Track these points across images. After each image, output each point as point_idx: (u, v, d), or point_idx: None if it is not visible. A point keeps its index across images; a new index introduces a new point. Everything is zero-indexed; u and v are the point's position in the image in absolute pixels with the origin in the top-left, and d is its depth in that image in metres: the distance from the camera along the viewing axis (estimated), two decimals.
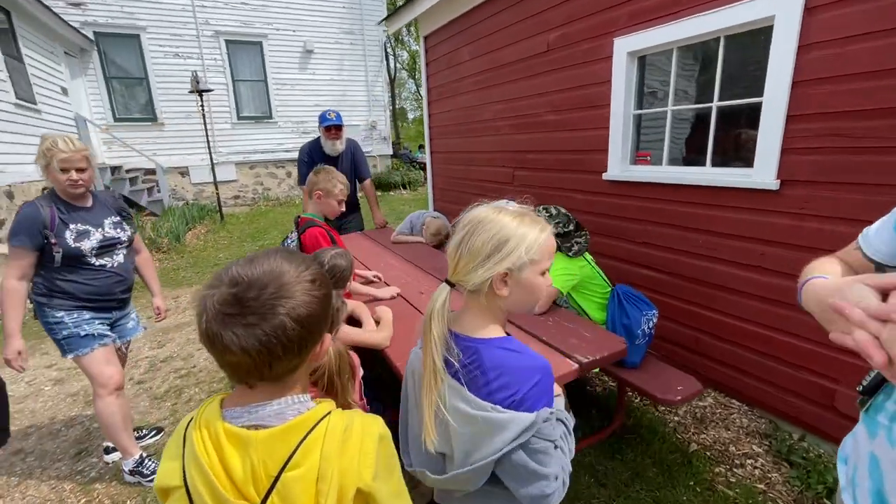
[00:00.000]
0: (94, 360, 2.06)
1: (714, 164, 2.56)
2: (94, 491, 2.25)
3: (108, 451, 2.44)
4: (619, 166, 3.00)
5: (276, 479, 0.63)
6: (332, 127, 3.66)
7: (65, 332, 2.00)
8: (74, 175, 1.93)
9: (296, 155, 3.93)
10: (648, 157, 2.93)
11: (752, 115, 2.30)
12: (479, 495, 0.95)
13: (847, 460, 0.93)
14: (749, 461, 2.17)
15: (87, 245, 1.99)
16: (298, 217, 2.30)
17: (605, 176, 3.08)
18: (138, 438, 2.49)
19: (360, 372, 1.51)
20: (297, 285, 0.68)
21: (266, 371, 0.66)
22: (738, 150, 2.47)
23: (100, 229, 2.05)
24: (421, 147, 14.51)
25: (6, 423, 1.91)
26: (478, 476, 0.89)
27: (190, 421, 0.71)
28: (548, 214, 2.16)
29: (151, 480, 2.21)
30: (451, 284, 0.90)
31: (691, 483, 2.02)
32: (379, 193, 11.57)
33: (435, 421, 0.90)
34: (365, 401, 1.73)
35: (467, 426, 0.86)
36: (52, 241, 1.90)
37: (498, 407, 0.84)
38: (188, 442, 0.67)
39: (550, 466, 0.87)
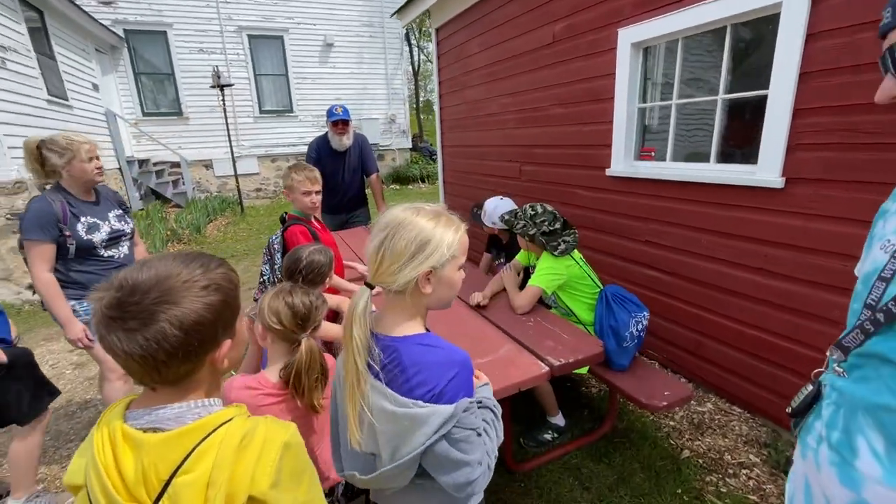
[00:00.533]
0: None
1: (719, 161, 2.44)
2: None
3: None
4: (622, 162, 2.91)
5: (168, 483, 0.63)
6: (339, 122, 3.67)
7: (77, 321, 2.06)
8: (98, 162, 2.04)
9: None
10: (653, 153, 2.82)
11: (759, 109, 2.18)
12: (409, 489, 0.96)
13: (791, 482, 0.88)
14: (744, 471, 2.08)
15: (98, 237, 2.07)
16: (285, 214, 2.32)
17: (608, 172, 2.99)
18: None
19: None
20: (183, 290, 0.66)
21: (156, 375, 0.66)
22: (743, 146, 2.35)
23: (107, 222, 2.13)
24: None
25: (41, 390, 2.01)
26: (404, 472, 0.91)
27: None
28: (532, 212, 2.11)
29: None
30: (371, 287, 0.90)
31: (678, 491, 1.96)
32: (397, 187, 11.63)
33: (360, 422, 0.91)
34: None
35: (390, 424, 0.88)
36: (66, 233, 1.97)
37: (419, 402, 0.86)
38: (90, 440, 0.68)
39: (473, 453, 0.90)
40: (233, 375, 1.39)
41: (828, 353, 0.82)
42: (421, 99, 21.94)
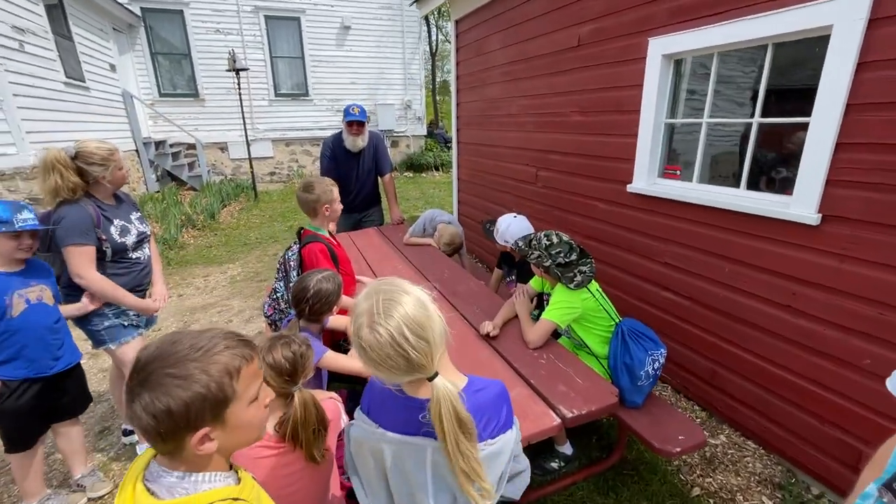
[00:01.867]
0: (134, 349, 2.16)
1: (749, 187, 2.31)
2: (111, 472, 2.39)
3: (126, 433, 2.60)
4: (645, 179, 2.78)
5: None
6: (353, 122, 3.59)
7: (107, 323, 2.08)
8: (126, 166, 2.10)
9: (331, 133, 3.92)
10: (678, 172, 2.69)
11: (798, 137, 2.04)
12: None
13: None
14: None
15: (129, 240, 2.08)
16: (301, 229, 2.28)
17: (629, 187, 2.87)
18: None
19: (343, 422, 1.47)
20: (161, 378, 0.70)
21: (152, 444, 0.74)
22: (777, 175, 2.21)
23: (133, 225, 2.13)
24: None
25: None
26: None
27: None
28: (548, 242, 2.02)
29: None
30: (435, 375, 0.91)
31: None
32: (410, 175, 11.52)
33: (432, 482, 0.97)
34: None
35: None
36: (102, 237, 1.97)
37: (487, 440, 0.95)
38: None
39: (525, 460, 1.07)
40: None
41: (875, 492, 0.75)
42: (438, 79, 21.46)
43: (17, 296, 1.77)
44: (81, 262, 1.92)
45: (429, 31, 17.27)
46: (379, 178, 4.03)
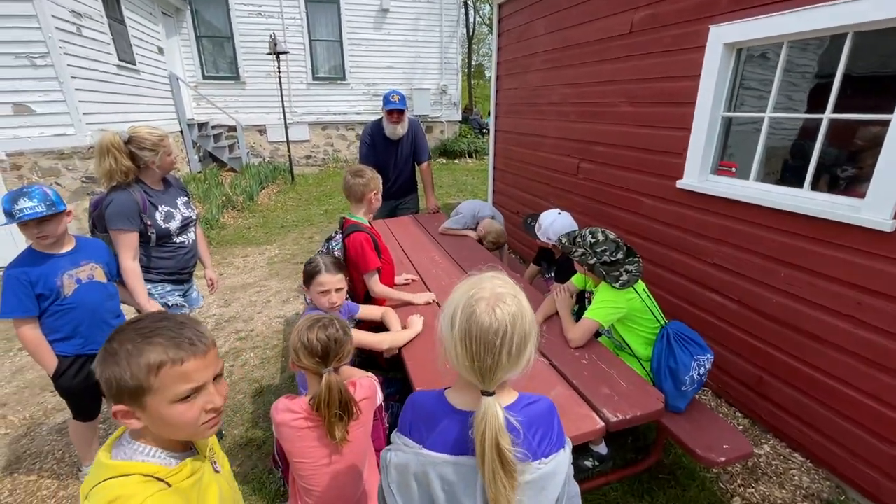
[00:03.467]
0: None
1: (814, 188, 2.17)
2: None
3: None
4: (697, 175, 2.65)
5: None
6: (394, 111, 3.60)
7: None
8: (174, 152, 2.15)
9: (366, 118, 3.95)
10: (734, 169, 2.55)
11: (873, 136, 1.89)
12: None
13: None
14: None
15: (173, 225, 2.16)
16: (343, 218, 2.30)
17: (679, 183, 2.75)
18: None
19: (378, 399, 1.50)
20: (109, 347, 0.78)
21: None
22: (847, 176, 2.06)
23: (178, 210, 2.20)
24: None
25: None
26: None
27: None
28: (593, 240, 1.96)
29: None
30: (492, 393, 0.84)
31: None
32: (444, 161, 11.46)
33: None
34: (387, 425, 1.76)
35: (522, 495, 0.86)
36: (147, 222, 2.06)
37: (542, 459, 0.87)
38: None
39: (575, 485, 0.96)
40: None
41: None
42: (473, 62, 21.05)
43: (67, 276, 1.80)
44: (120, 247, 2.00)
45: (466, 14, 16.91)
46: (416, 165, 4.04)
